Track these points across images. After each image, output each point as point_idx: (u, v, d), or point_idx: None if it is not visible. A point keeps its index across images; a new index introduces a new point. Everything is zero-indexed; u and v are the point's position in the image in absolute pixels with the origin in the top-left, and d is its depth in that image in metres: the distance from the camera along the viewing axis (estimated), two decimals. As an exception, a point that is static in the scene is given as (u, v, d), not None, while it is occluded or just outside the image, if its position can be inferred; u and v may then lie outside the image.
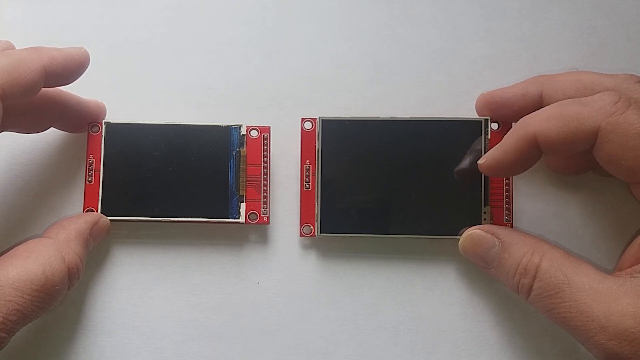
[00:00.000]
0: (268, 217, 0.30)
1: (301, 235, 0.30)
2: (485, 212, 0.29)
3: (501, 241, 0.27)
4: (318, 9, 0.34)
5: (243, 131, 0.31)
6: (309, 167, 0.30)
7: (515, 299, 0.30)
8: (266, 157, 0.31)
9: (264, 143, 0.31)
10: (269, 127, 0.31)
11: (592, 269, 0.25)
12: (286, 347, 0.30)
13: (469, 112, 0.32)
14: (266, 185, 0.30)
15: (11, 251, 0.26)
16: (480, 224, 0.29)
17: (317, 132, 0.30)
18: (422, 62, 0.33)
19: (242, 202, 0.30)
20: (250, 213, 0.30)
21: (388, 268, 0.31)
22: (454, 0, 0.34)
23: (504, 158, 0.26)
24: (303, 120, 0.31)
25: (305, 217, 0.30)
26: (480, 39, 0.33)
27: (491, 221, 0.29)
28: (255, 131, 0.31)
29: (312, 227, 0.30)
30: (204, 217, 0.30)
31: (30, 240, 0.27)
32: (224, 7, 0.34)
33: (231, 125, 0.31)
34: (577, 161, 0.30)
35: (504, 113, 0.30)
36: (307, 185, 0.30)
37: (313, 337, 0.30)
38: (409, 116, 0.30)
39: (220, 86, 0.33)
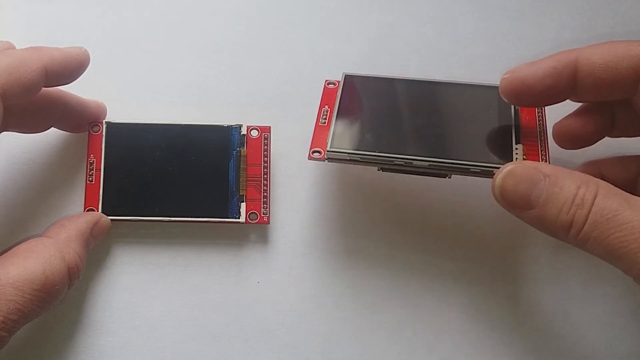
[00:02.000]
0: (268, 217, 0.30)
1: (309, 158, 0.28)
2: (517, 150, 0.27)
3: (547, 176, 0.24)
4: (318, 9, 0.34)
5: (243, 131, 0.31)
6: (327, 110, 0.29)
7: (515, 299, 0.30)
8: (266, 157, 0.31)
9: (264, 143, 0.31)
10: (269, 127, 0.31)
11: None
12: (286, 347, 0.30)
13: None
14: (266, 185, 0.30)
15: (11, 250, 0.26)
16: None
17: (340, 86, 0.30)
18: (422, 62, 0.33)
19: (242, 202, 0.30)
20: (250, 213, 0.30)
21: (388, 268, 0.31)
22: (454, 0, 0.34)
23: (532, 75, 0.25)
24: (327, 82, 0.31)
25: (316, 143, 0.28)
26: (480, 39, 0.33)
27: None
28: (256, 131, 0.31)
29: (322, 151, 0.28)
30: (204, 217, 0.30)
31: (30, 240, 0.27)
32: (224, 7, 0.34)
33: (231, 125, 0.31)
34: (594, 123, 0.27)
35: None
36: (323, 121, 0.29)
37: (313, 336, 0.30)
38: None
39: (220, 86, 0.33)
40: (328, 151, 0.27)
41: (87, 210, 0.30)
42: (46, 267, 0.25)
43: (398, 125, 0.28)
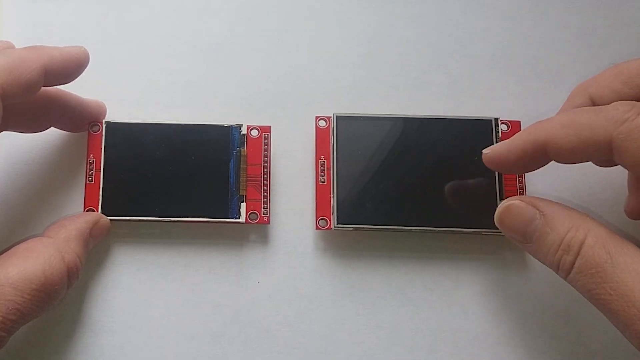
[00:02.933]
0: (268, 217, 0.30)
1: (317, 228, 0.30)
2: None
3: (543, 214, 0.25)
4: (318, 9, 0.34)
5: (243, 131, 0.31)
6: (324, 162, 0.31)
7: (515, 298, 0.30)
8: (266, 156, 0.31)
9: (264, 142, 0.31)
10: (270, 127, 0.31)
11: (639, 251, 0.23)
12: (286, 347, 0.30)
13: (468, 112, 0.32)
14: (266, 185, 0.30)
15: (11, 250, 0.26)
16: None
17: (331, 128, 0.31)
18: (422, 62, 0.33)
19: (242, 202, 0.30)
20: (251, 213, 0.30)
21: (387, 267, 0.31)
22: (454, 0, 0.34)
23: (506, 156, 0.26)
24: (317, 119, 0.31)
25: (320, 211, 0.30)
26: (480, 39, 0.33)
27: None
28: (256, 131, 0.31)
29: (327, 220, 0.30)
30: (204, 217, 0.30)
31: (30, 240, 0.27)
32: (224, 7, 0.34)
33: (232, 125, 0.31)
34: None
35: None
36: (322, 179, 0.30)
37: (313, 336, 0.30)
38: (421, 115, 0.31)
39: (220, 86, 0.33)
40: (335, 227, 0.30)
41: (87, 210, 0.30)
42: (45, 267, 0.25)
43: (392, 190, 0.30)
